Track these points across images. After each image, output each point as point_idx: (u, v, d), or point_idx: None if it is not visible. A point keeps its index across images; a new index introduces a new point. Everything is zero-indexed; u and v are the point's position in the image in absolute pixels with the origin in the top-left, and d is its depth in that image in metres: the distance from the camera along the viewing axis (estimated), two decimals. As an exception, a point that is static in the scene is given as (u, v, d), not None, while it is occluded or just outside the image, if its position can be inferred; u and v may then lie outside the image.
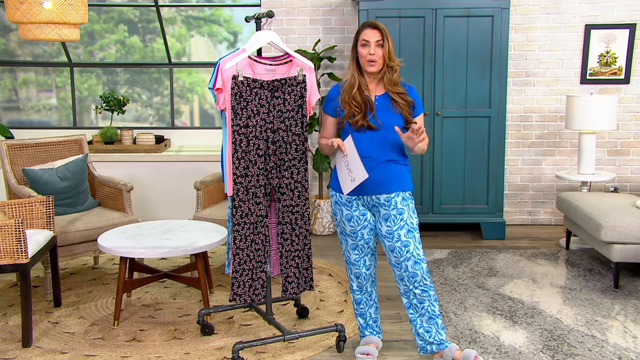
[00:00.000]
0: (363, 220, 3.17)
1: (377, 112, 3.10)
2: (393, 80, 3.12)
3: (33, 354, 3.39)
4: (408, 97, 3.14)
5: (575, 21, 5.76)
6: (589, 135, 5.22)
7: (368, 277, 3.30)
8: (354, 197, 3.14)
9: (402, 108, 3.12)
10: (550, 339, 3.53)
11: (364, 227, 3.18)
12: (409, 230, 3.09)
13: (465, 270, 4.69)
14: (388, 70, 3.12)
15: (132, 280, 3.97)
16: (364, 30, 3.11)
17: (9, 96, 6.60)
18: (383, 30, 3.08)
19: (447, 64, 5.33)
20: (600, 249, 4.45)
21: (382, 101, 3.14)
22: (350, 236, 3.21)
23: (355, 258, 3.25)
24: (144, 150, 5.95)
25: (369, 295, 3.34)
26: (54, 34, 4.13)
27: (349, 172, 3.02)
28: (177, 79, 6.49)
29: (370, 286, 3.34)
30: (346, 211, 3.18)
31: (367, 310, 3.37)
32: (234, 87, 3.16)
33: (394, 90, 3.12)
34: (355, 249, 3.24)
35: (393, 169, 3.11)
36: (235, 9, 6.40)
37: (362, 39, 3.09)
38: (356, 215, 3.16)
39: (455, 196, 5.48)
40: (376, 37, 3.07)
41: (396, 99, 3.12)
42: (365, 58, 3.09)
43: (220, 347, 3.46)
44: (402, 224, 3.08)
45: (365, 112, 3.08)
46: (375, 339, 3.37)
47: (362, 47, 3.10)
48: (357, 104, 3.09)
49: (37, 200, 3.93)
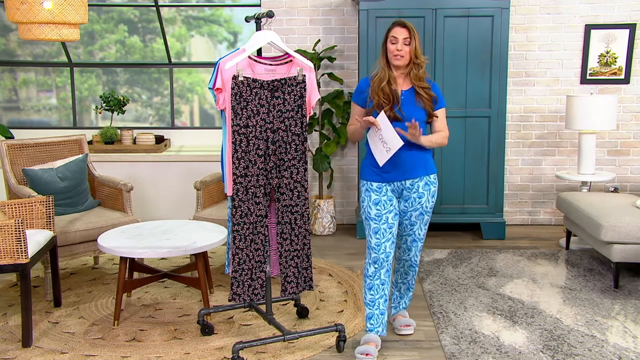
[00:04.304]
0: (389, 205, 3.39)
1: (403, 105, 3.35)
2: (419, 76, 3.36)
3: (33, 354, 3.39)
4: (431, 92, 3.39)
5: (575, 21, 5.76)
6: (589, 135, 5.22)
7: (385, 263, 3.38)
8: (384, 183, 3.38)
9: (425, 102, 3.36)
10: (550, 339, 3.53)
11: (390, 212, 3.38)
12: (421, 213, 3.44)
13: (465, 270, 4.69)
14: (414, 67, 3.35)
15: (132, 280, 3.97)
16: (394, 28, 3.34)
17: (9, 96, 6.60)
18: (411, 29, 3.32)
19: (447, 64, 5.33)
20: (600, 249, 4.45)
21: (408, 95, 3.38)
22: (374, 220, 3.38)
23: (375, 242, 3.37)
24: (144, 150, 5.95)
25: (381, 283, 3.40)
26: (54, 34, 4.13)
27: (383, 144, 3.26)
28: (177, 79, 6.49)
29: (385, 275, 3.39)
30: (375, 196, 3.39)
31: (377, 299, 3.40)
32: (234, 87, 3.17)
33: (419, 85, 3.36)
34: (377, 232, 3.37)
35: (416, 156, 3.36)
36: (235, 9, 6.40)
37: (391, 35, 3.33)
38: (384, 199, 3.39)
39: (455, 196, 5.48)
40: (404, 35, 3.30)
41: (421, 92, 3.36)
42: (392, 53, 3.32)
43: (220, 347, 3.46)
44: (418, 206, 3.42)
45: (392, 104, 3.32)
46: (374, 338, 3.40)
47: (391, 44, 3.33)
48: (385, 95, 3.33)
49: (37, 200, 3.93)
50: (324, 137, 5.69)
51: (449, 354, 3.35)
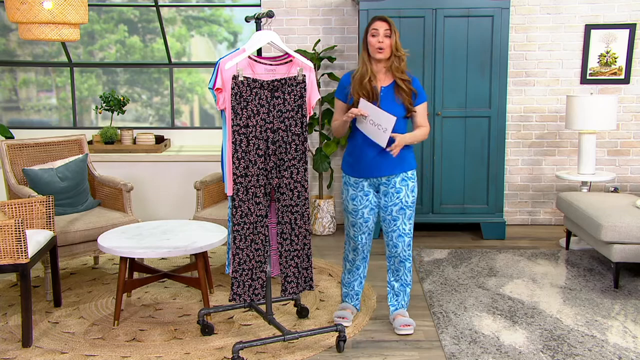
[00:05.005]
0: (365, 200, 3.57)
1: (382, 102, 3.44)
2: (400, 69, 3.46)
3: (33, 354, 3.39)
4: (412, 86, 3.49)
5: (575, 21, 5.76)
6: (589, 135, 5.22)
7: (361, 252, 3.71)
8: (361, 179, 3.52)
9: (404, 98, 3.46)
10: (550, 339, 3.53)
11: (365, 207, 3.57)
12: (401, 208, 3.53)
13: (465, 270, 4.69)
14: (395, 60, 3.46)
15: (132, 280, 3.97)
16: (374, 22, 3.46)
17: (9, 96, 6.60)
18: (391, 23, 3.44)
19: (447, 64, 5.33)
20: (600, 249, 4.45)
21: (387, 92, 3.47)
22: (351, 214, 3.62)
23: (353, 233, 3.66)
24: (144, 150, 5.95)
25: (356, 268, 3.77)
26: (54, 34, 4.12)
27: (377, 127, 3.34)
28: (177, 79, 6.49)
29: (360, 261, 3.75)
30: (352, 191, 3.57)
31: (352, 281, 3.80)
32: (234, 87, 3.17)
33: (400, 77, 3.46)
34: (354, 225, 3.63)
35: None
36: (235, 9, 6.40)
37: (372, 28, 3.45)
38: (360, 195, 3.56)
39: (455, 196, 5.48)
40: (384, 27, 3.42)
41: (402, 85, 3.45)
42: (374, 46, 3.43)
43: (220, 347, 3.46)
44: (397, 201, 3.52)
45: (371, 101, 3.41)
46: (350, 306, 3.81)
47: (372, 37, 3.44)
48: (365, 91, 3.43)
49: (37, 200, 3.93)
50: (324, 137, 5.69)
51: (449, 354, 3.35)
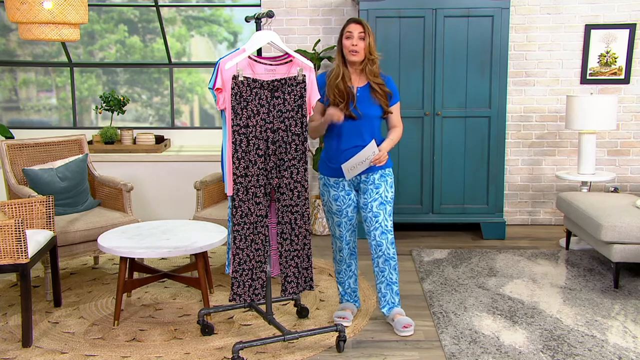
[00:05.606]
0: (348, 200, 3.62)
1: (358, 102, 3.47)
2: (373, 72, 3.48)
3: (33, 354, 3.39)
4: (386, 87, 3.51)
5: (575, 21, 5.76)
6: (589, 135, 5.22)
7: (349, 250, 3.75)
8: (340, 178, 3.56)
9: (379, 99, 3.49)
10: (550, 339, 3.53)
11: (349, 206, 3.63)
12: (382, 203, 3.54)
13: (465, 270, 4.69)
14: (369, 62, 3.47)
15: (132, 280, 3.97)
16: (349, 24, 3.47)
17: (9, 96, 6.60)
18: (365, 26, 3.44)
19: (447, 64, 5.33)
20: (600, 249, 4.45)
21: (362, 92, 3.50)
22: (336, 214, 3.66)
23: (339, 233, 3.70)
24: (144, 150, 5.95)
25: (347, 266, 3.79)
26: (54, 34, 4.13)
27: (362, 161, 3.41)
28: (177, 79, 6.49)
29: (349, 258, 3.78)
30: (333, 192, 3.61)
31: (347, 280, 3.82)
32: (234, 87, 3.17)
33: (374, 81, 3.48)
34: (339, 225, 3.68)
35: None
36: (235, 9, 6.40)
37: (347, 31, 3.45)
38: (342, 195, 3.60)
39: (455, 196, 5.48)
40: (359, 30, 3.43)
41: (376, 88, 3.48)
42: (348, 49, 3.44)
43: (220, 347, 3.46)
44: (377, 196, 3.53)
45: (347, 102, 3.44)
46: (350, 306, 3.82)
47: (346, 39, 3.45)
48: (339, 92, 3.45)
49: (37, 200, 3.93)
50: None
51: (449, 354, 3.35)
